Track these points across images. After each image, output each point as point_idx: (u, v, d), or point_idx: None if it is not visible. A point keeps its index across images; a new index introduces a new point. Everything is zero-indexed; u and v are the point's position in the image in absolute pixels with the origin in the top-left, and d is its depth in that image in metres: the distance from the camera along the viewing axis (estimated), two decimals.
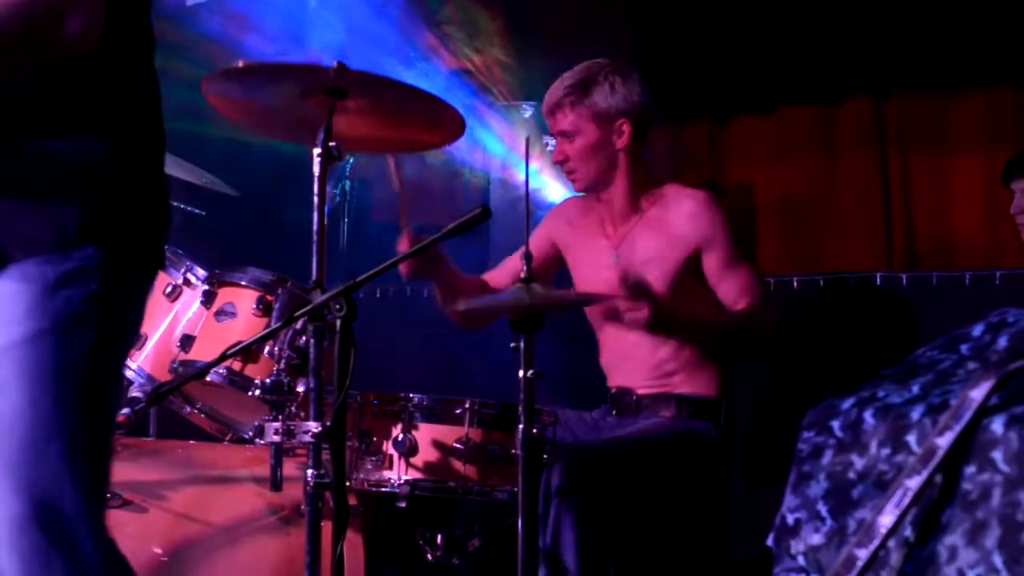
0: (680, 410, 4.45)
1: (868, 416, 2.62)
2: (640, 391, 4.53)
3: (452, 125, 3.93)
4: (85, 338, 2.48)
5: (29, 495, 2.42)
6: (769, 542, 2.72)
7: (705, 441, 4.42)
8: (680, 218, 4.47)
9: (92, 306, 2.49)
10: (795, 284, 5.27)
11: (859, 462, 2.60)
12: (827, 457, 2.65)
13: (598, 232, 4.65)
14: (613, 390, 4.62)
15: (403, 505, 3.90)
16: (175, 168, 4.86)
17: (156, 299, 4.34)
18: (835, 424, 2.68)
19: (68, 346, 2.46)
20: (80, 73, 2.48)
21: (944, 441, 2.40)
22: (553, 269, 4.80)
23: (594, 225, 4.68)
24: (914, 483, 2.40)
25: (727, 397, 4.51)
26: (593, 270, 4.65)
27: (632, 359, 4.56)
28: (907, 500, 2.40)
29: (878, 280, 5.13)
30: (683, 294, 4.44)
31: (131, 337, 2.76)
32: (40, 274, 2.45)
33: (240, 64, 3.69)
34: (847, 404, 2.68)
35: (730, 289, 4.41)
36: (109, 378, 2.60)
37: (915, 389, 2.64)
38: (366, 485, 3.99)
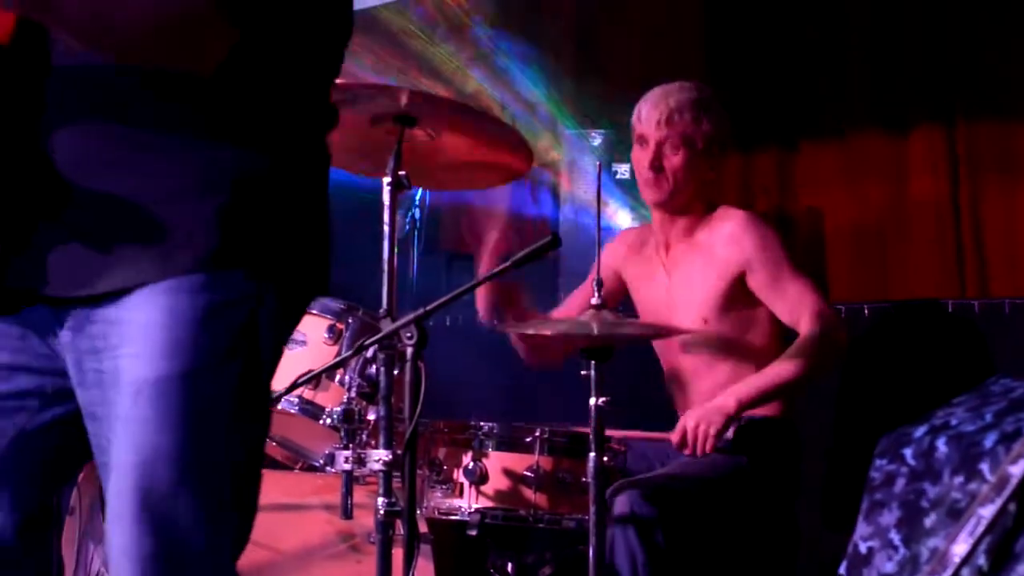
0: (742, 434, 4.42)
1: (941, 444, 2.61)
2: None
3: (522, 155, 3.94)
4: (232, 372, 2.37)
5: (161, 534, 2.36)
6: (842, 571, 2.71)
7: (764, 465, 4.39)
8: (721, 241, 4.46)
9: (242, 340, 2.38)
10: (866, 311, 5.24)
11: (932, 490, 2.59)
12: (900, 485, 2.64)
13: (654, 257, 4.66)
14: (680, 416, 4.62)
15: (474, 533, 3.91)
16: None
17: None
18: (908, 452, 2.66)
19: (214, 383, 2.35)
20: (248, 80, 2.40)
21: (1018, 469, 2.39)
22: (619, 299, 4.80)
23: (651, 251, 4.68)
24: (988, 511, 2.38)
25: (792, 417, 4.48)
26: (649, 295, 4.66)
27: (691, 385, 4.56)
28: (981, 529, 2.38)
29: (950, 307, 5.10)
30: (738, 318, 4.44)
31: (275, 365, 2.58)
32: (189, 306, 2.32)
33: None
34: (920, 432, 2.67)
35: (785, 307, 4.37)
36: (255, 410, 2.48)
37: (988, 417, 2.63)
38: (436, 513, 4.00)
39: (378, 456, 3.49)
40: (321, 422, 4.14)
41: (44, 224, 2.37)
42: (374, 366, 4.01)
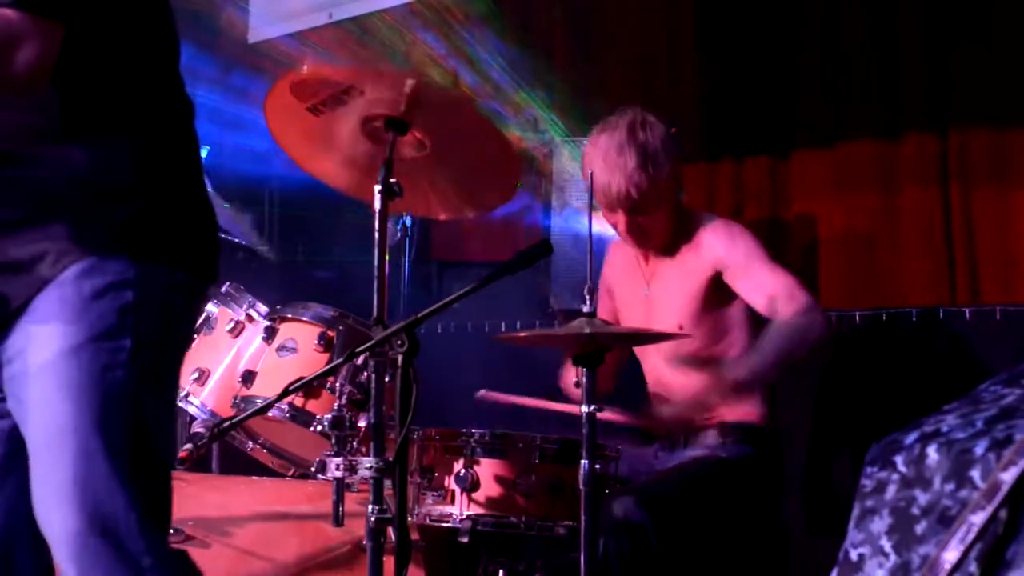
0: (725, 438, 4.44)
1: (932, 451, 2.60)
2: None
3: (513, 168, 3.93)
4: (123, 346, 2.49)
5: (84, 508, 2.42)
6: None
7: (751, 469, 4.41)
8: (696, 247, 4.50)
9: (128, 316, 2.50)
10: (857, 318, 5.25)
11: (923, 497, 2.59)
12: (891, 492, 2.63)
13: (636, 268, 4.68)
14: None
15: (465, 540, 3.90)
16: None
17: (218, 335, 4.38)
18: (898, 459, 2.66)
19: (107, 354, 2.48)
20: (97, 81, 2.49)
21: (1009, 476, 2.39)
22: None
23: (632, 262, 4.70)
24: (979, 519, 2.38)
25: (772, 422, 4.50)
26: (630, 305, 4.69)
27: (674, 392, 4.58)
28: (972, 536, 2.38)
29: (941, 314, 5.10)
30: (714, 323, 4.46)
31: (179, 346, 2.75)
32: (76, 288, 2.47)
33: (305, 68, 3.66)
34: (910, 439, 2.67)
35: (761, 296, 4.39)
36: (156, 387, 2.59)
37: (979, 424, 2.62)
38: (428, 520, 4.00)
39: (369, 463, 3.48)
40: (312, 429, 4.14)
41: None
42: (365, 373, 4.01)
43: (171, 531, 3.78)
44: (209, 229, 2.74)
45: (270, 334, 4.31)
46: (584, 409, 3.67)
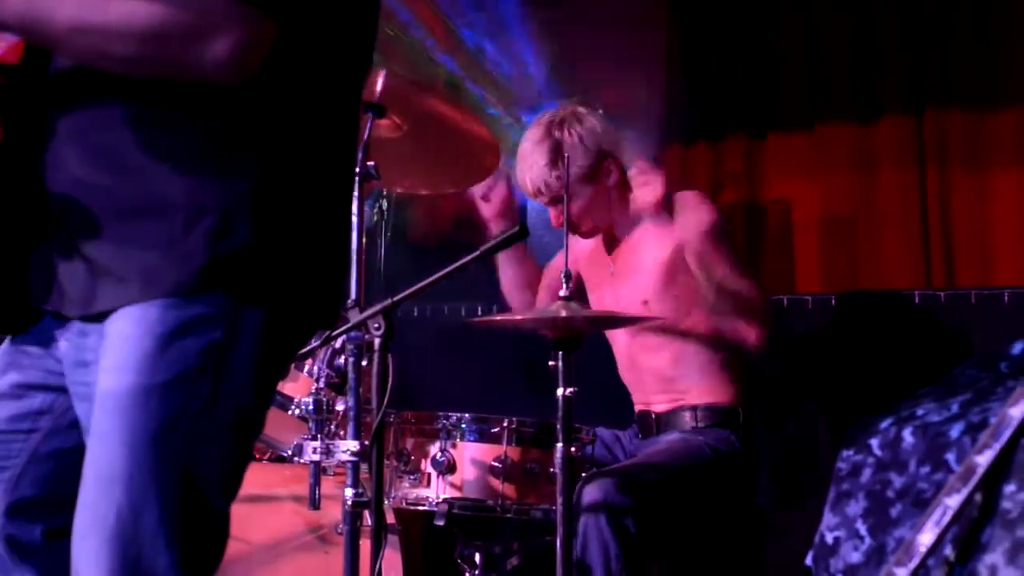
0: (696, 421, 4.45)
1: (907, 434, 2.62)
2: (657, 409, 4.54)
3: (492, 151, 3.94)
4: (198, 393, 2.26)
5: (124, 560, 2.29)
6: (808, 561, 2.72)
7: (724, 450, 4.41)
8: (663, 220, 4.46)
9: (211, 359, 2.26)
10: (833, 302, 5.25)
11: (898, 480, 2.60)
12: (866, 475, 2.65)
13: (600, 247, 4.69)
14: (636, 410, 4.64)
15: (441, 523, 3.90)
16: None
17: None
18: (874, 442, 2.67)
19: (177, 401, 2.24)
20: (248, 94, 2.26)
21: (984, 459, 2.40)
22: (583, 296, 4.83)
23: (596, 242, 4.71)
24: (954, 501, 2.39)
25: (745, 404, 4.50)
26: (596, 284, 4.70)
27: (645, 376, 4.60)
28: (947, 519, 2.39)
29: (916, 298, 5.11)
30: (678, 299, 4.47)
31: (262, 400, 2.45)
32: (161, 319, 2.23)
33: None
34: (886, 423, 2.68)
35: (705, 265, 4.40)
36: (227, 441, 2.36)
37: (954, 407, 2.64)
38: (404, 504, 4.00)
39: (346, 447, 3.48)
40: (289, 412, 4.13)
41: (43, 246, 2.32)
42: (342, 357, 4.01)
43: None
44: (336, 277, 2.49)
45: None
46: (560, 392, 3.68)
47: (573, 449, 3.70)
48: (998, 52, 5.28)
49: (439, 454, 3.94)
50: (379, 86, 3.59)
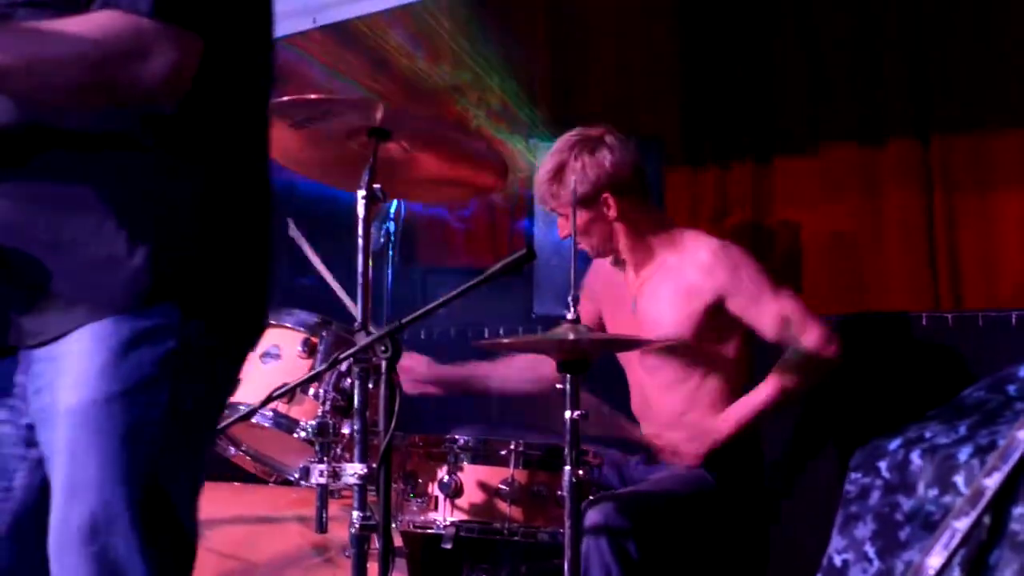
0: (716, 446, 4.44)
1: (915, 457, 2.61)
2: None
3: (498, 167, 3.95)
4: (158, 401, 2.34)
5: (99, 565, 2.35)
6: None
7: (728, 477, 4.40)
8: (695, 269, 4.45)
9: (167, 367, 2.34)
10: (840, 324, 5.25)
11: (907, 503, 2.59)
12: (874, 498, 2.64)
13: (623, 282, 4.67)
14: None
15: (448, 547, 3.90)
16: None
17: None
18: (882, 465, 2.67)
19: (140, 408, 2.32)
20: (200, 101, 2.36)
21: (992, 482, 2.39)
22: (602, 327, 4.80)
23: (618, 275, 4.69)
24: (962, 524, 2.39)
25: (753, 436, 4.49)
26: (617, 317, 4.68)
27: (653, 406, 4.59)
28: (955, 541, 2.38)
29: (924, 320, 5.10)
30: (710, 341, 4.45)
31: (219, 402, 2.59)
32: (115, 332, 2.32)
33: (284, 98, 3.70)
34: (894, 445, 2.68)
35: (770, 325, 4.40)
36: (187, 452, 2.44)
37: (962, 430, 2.63)
38: (411, 527, 4.00)
39: (353, 470, 3.48)
40: (296, 435, 4.13)
41: None
42: (348, 380, 4.00)
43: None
44: (267, 280, 2.56)
45: None
46: (567, 415, 3.67)
47: (581, 472, 3.69)
48: (1004, 75, 5.28)
49: (446, 477, 3.94)
50: (380, 113, 3.60)
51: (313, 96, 3.64)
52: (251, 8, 2.50)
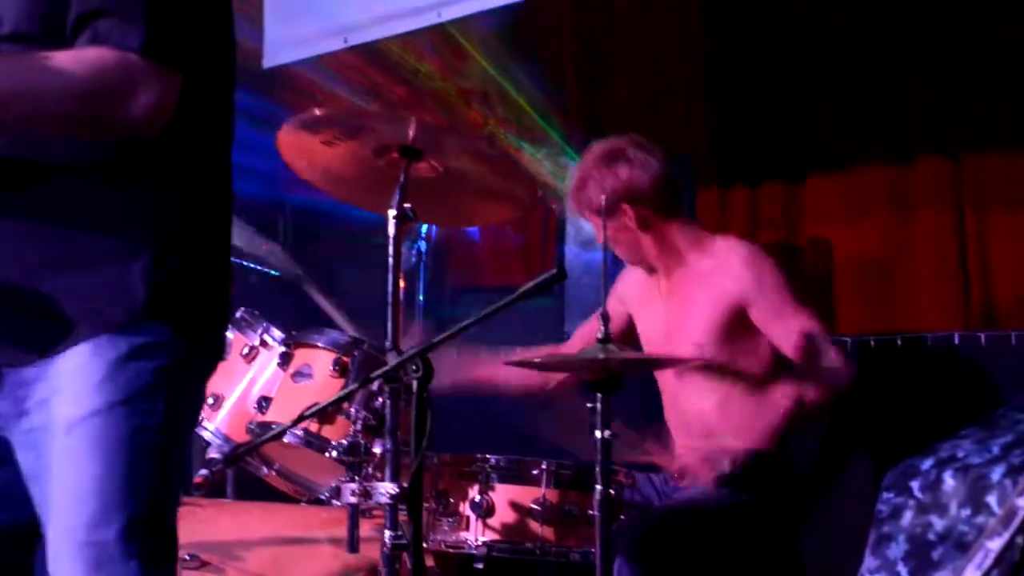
0: (733, 467, 4.42)
1: (948, 477, 2.60)
2: None
3: (528, 187, 3.96)
4: (156, 410, 2.46)
5: (92, 565, 2.41)
6: None
7: (761, 495, 4.38)
8: (724, 272, 4.47)
9: (162, 379, 2.47)
10: (872, 343, 5.24)
11: (939, 523, 2.58)
12: (907, 518, 2.63)
13: (655, 288, 4.68)
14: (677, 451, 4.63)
15: (480, 566, 3.90)
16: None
17: (233, 360, 4.38)
18: (915, 485, 2.66)
19: (140, 416, 2.44)
20: (176, 130, 2.48)
21: None
22: (629, 338, 4.80)
23: (652, 282, 4.70)
24: (995, 544, 2.38)
25: (785, 449, 4.48)
26: (648, 324, 4.70)
27: (685, 420, 4.59)
28: (988, 562, 2.37)
29: (956, 339, 5.08)
30: (734, 346, 4.45)
31: (197, 413, 2.78)
32: (112, 347, 2.43)
33: (317, 111, 3.71)
34: (927, 464, 2.67)
35: (787, 339, 4.39)
36: (177, 454, 2.58)
37: (995, 449, 2.63)
38: (443, 546, 4.00)
39: (384, 489, 3.48)
40: (327, 455, 4.13)
41: None
42: (380, 399, 4.01)
43: (186, 557, 3.80)
44: (226, 307, 2.72)
45: (285, 360, 4.31)
46: (598, 434, 3.67)
47: (612, 491, 3.69)
48: None
49: (477, 496, 3.94)
50: (411, 132, 3.61)
51: (346, 110, 3.66)
52: (222, 46, 2.64)
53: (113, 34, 2.36)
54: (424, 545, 3.87)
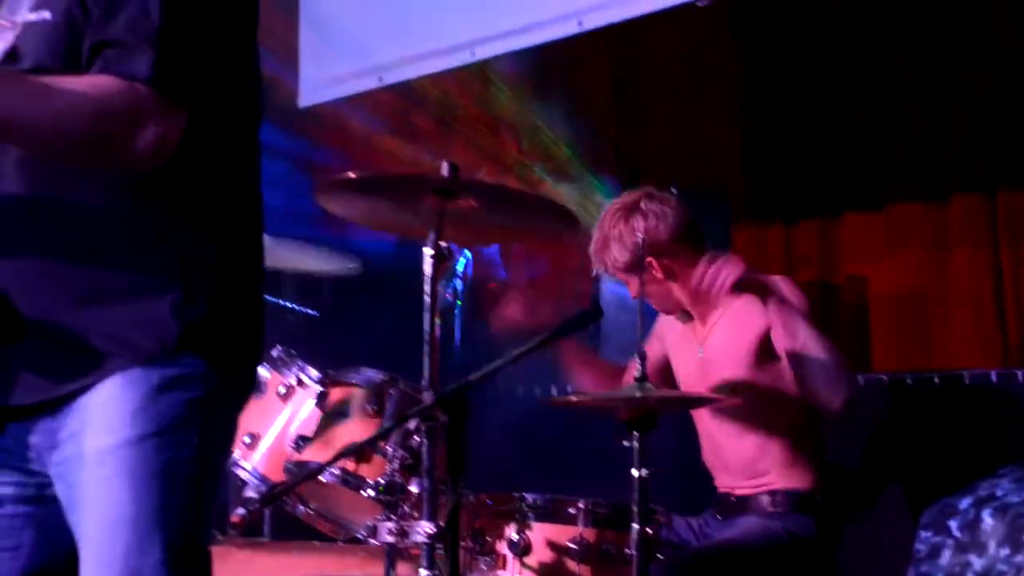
0: (775, 506, 4.42)
1: (986, 515, 2.59)
2: (738, 492, 4.53)
3: (564, 226, 3.98)
4: (190, 442, 2.46)
5: None
6: None
7: (802, 535, 4.37)
8: (752, 304, 4.45)
9: (195, 411, 2.47)
10: (909, 381, 5.22)
11: (978, 563, 2.57)
12: (945, 557, 2.62)
13: (690, 332, 4.69)
14: (717, 491, 4.62)
15: None
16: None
17: (270, 399, 4.39)
18: (953, 524, 2.65)
19: (173, 449, 2.44)
20: (187, 166, 2.48)
21: None
22: (668, 373, 4.80)
23: (688, 327, 4.71)
24: None
25: (824, 490, 4.47)
26: (684, 366, 4.71)
27: (726, 458, 4.59)
28: None
29: (994, 377, 5.07)
30: (766, 384, 4.45)
31: (229, 446, 2.75)
32: (145, 378, 2.43)
33: (351, 175, 3.75)
34: (965, 503, 2.66)
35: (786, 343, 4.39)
36: (211, 485, 2.57)
37: None
38: None
39: (421, 528, 3.48)
40: (363, 494, 4.14)
41: (9, 348, 2.47)
42: (416, 437, 4.01)
43: None
44: (260, 341, 2.70)
45: (322, 399, 4.31)
46: (635, 473, 3.67)
47: (649, 530, 3.69)
48: None
49: (515, 535, 3.94)
50: (445, 172, 3.63)
51: (378, 172, 3.72)
52: (245, 79, 2.63)
53: (122, 62, 2.36)
54: None
